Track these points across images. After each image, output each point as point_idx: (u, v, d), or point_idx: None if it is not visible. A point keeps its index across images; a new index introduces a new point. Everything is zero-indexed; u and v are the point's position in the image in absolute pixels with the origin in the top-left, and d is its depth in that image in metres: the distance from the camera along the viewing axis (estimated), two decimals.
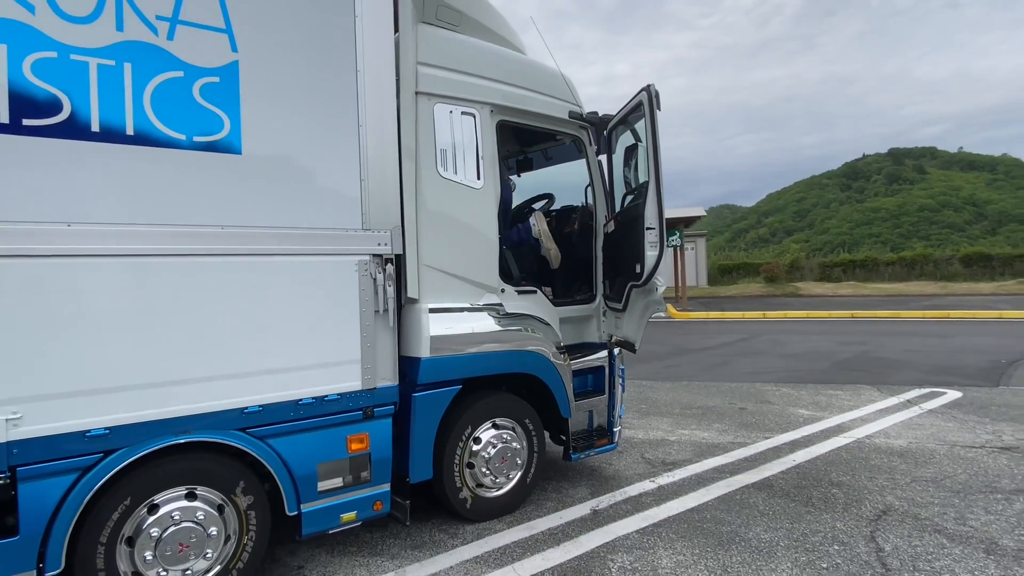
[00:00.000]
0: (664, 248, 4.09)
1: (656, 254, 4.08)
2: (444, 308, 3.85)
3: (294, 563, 3.56)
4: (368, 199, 3.48)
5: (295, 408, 3.23)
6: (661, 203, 4.06)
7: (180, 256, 2.92)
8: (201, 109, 2.97)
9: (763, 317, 18.24)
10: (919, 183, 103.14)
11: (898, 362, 9.85)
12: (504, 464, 4.13)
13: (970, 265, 25.88)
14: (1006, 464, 4.94)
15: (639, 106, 4.19)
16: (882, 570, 3.31)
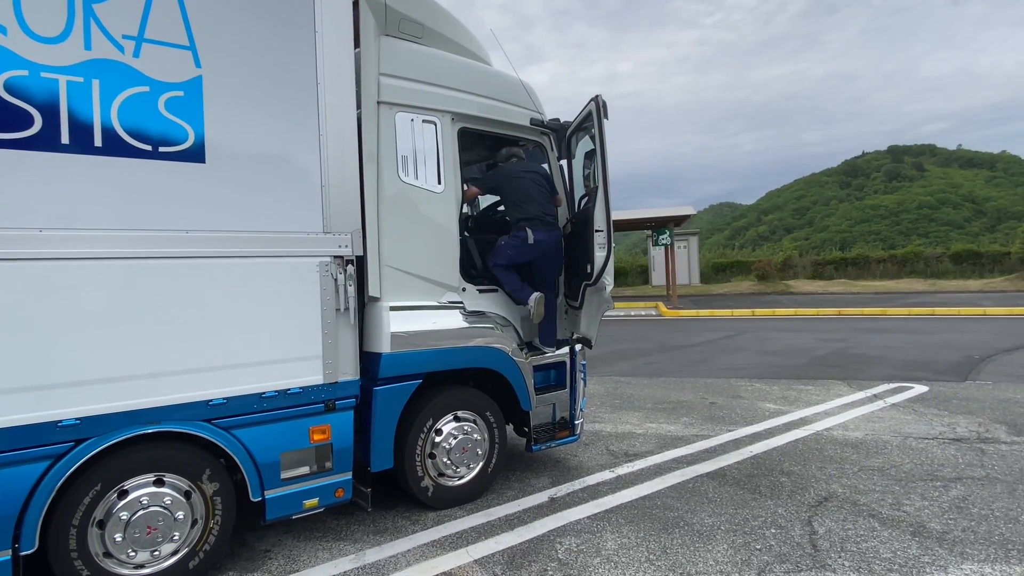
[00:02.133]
0: (611, 249, 4.30)
1: (604, 255, 4.29)
2: (405, 306, 4.06)
3: (261, 547, 3.78)
4: (329, 204, 3.69)
5: (259, 400, 3.44)
6: (608, 206, 4.26)
7: (147, 259, 3.13)
8: (166, 121, 3.18)
9: (751, 315, 18.44)
10: (918, 180, 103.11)
11: (873, 358, 10.06)
12: (465, 455, 4.34)
13: (960, 262, 26.07)
14: (953, 454, 5.15)
15: (590, 115, 4.40)
16: (811, 551, 3.53)
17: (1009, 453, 5.15)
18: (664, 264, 23.50)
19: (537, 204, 4.54)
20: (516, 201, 4.58)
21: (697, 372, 9.46)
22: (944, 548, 3.53)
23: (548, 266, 4.72)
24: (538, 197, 4.57)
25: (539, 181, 4.66)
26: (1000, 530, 3.74)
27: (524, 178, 4.60)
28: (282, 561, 3.60)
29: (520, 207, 4.55)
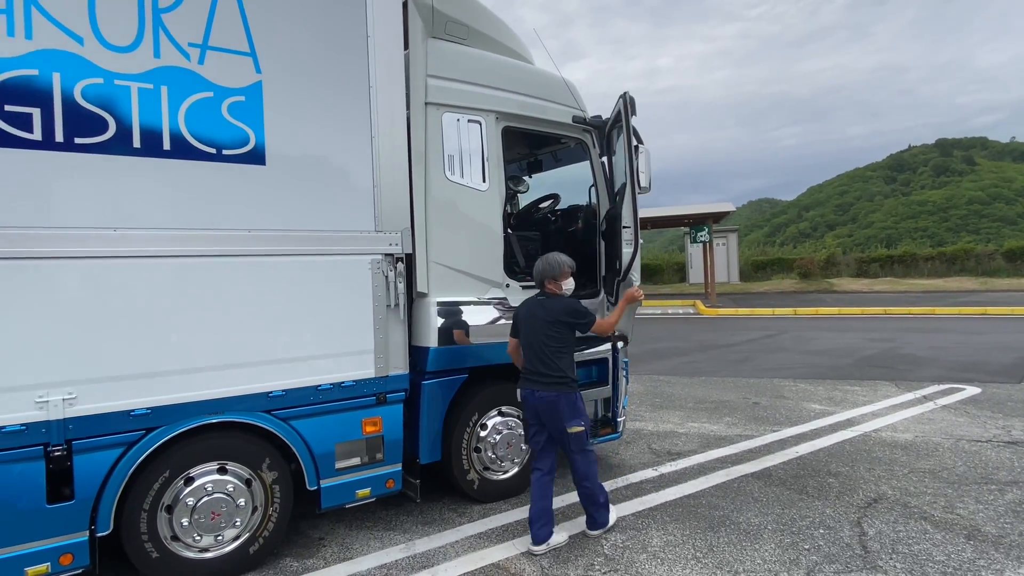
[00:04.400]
0: (638, 245, 4.35)
1: (631, 251, 4.35)
2: (452, 302, 4.15)
3: (315, 535, 3.92)
4: (380, 203, 3.80)
5: (315, 393, 3.58)
6: (636, 203, 4.31)
7: (213, 256, 3.29)
8: (229, 125, 3.33)
9: (794, 314, 18.06)
10: (968, 175, 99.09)
11: (922, 359, 9.77)
12: (510, 450, 4.41)
13: (1014, 260, 24.95)
14: (1008, 457, 4.99)
15: (620, 112, 4.43)
16: (861, 552, 3.48)
17: None
18: (702, 262, 23.18)
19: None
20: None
21: (738, 372, 9.34)
22: (1000, 552, 3.44)
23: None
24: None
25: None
26: None
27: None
28: (336, 549, 3.72)
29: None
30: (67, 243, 2.93)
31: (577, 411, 3.65)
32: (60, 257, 2.93)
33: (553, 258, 3.79)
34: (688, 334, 13.88)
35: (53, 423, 2.90)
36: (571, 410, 3.62)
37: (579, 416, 3.65)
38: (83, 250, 2.97)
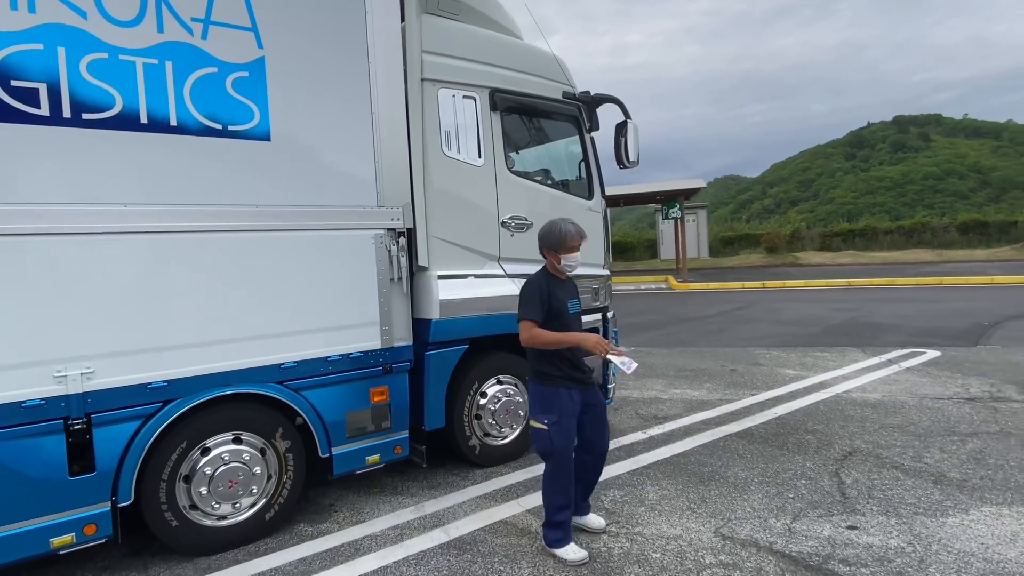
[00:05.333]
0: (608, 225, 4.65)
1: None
2: (452, 275, 4.27)
3: (326, 502, 4.05)
4: (381, 179, 3.88)
5: (325, 364, 3.68)
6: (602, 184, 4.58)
7: (222, 232, 3.34)
8: (234, 101, 3.36)
9: (762, 287, 18.62)
10: (924, 151, 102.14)
11: (885, 326, 10.28)
12: (508, 416, 4.59)
13: (967, 232, 26.14)
14: (968, 412, 5.38)
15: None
16: (841, 498, 3.78)
17: (1021, 410, 5.38)
18: (673, 238, 23.61)
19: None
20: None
21: (715, 342, 9.69)
22: (964, 494, 3.77)
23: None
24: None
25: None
26: (1016, 478, 3.98)
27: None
28: (347, 513, 3.86)
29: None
30: (77, 219, 2.96)
31: (537, 405, 3.25)
32: (73, 233, 2.95)
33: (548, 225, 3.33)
34: (663, 308, 14.24)
35: (72, 397, 2.95)
36: (531, 403, 3.32)
37: (538, 411, 3.22)
38: (95, 226, 3.00)
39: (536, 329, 3.14)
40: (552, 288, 3.23)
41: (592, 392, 3.34)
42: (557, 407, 3.17)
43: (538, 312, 3.16)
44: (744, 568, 3.03)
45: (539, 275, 3.33)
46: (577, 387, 3.24)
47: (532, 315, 3.16)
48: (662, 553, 3.21)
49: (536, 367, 3.27)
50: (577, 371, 3.25)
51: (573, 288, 3.44)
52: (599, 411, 3.37)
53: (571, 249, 3.25)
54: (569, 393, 3.21)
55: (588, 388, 3.31)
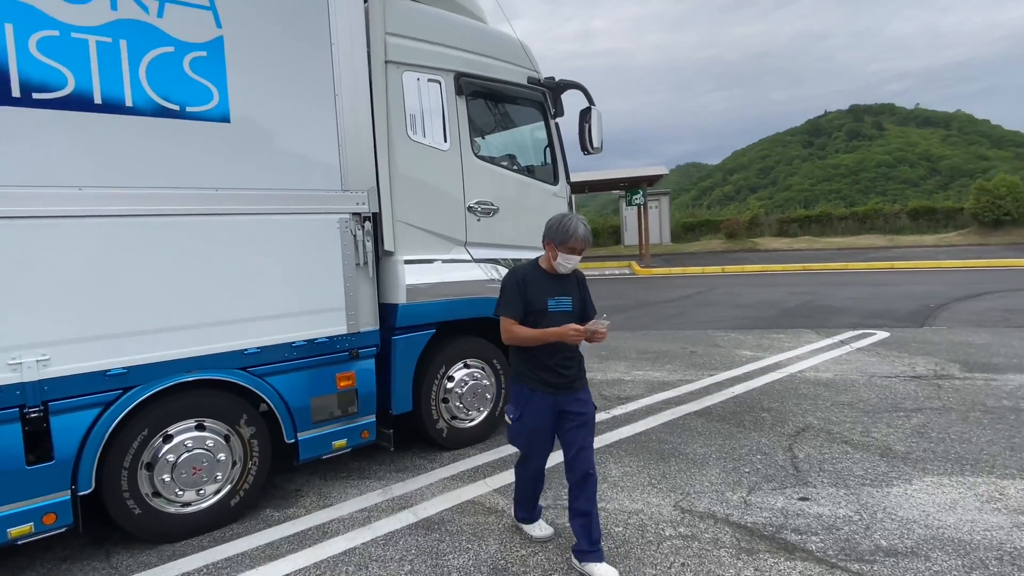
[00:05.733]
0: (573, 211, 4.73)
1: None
2: (418, 260, 4.28)
3: (292, 487, 4.04)
4: (346, 162, 3.85)
5: (289, 349, 3.66)
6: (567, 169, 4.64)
7: (182, 216, 3.28)
8: (192, 82, 3.28)
9: (722, 272, 19.06)
10: (878, 140, 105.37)
11: (838, 308, 10.67)
12: (475, 399, 4.64)
13: (917, 218, 27.24)
14: (913, 389, 5.67)
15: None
16: (794, 471, 3.96)
17: (962, 387, 5.69)
18: (636, 224, 23.91)
19: None
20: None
21: (675, 325, 9.92)
22: (908, 465, 3.99)
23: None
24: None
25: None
26: (955, 449, 4.23)
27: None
28: (314, 498, 3.87)
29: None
30: (29, 202, 2.87)
31: (511, 400, 3.17)
32: (26, 217, 2.86)
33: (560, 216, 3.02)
34: (626, 293, 14.47)
35: (28, 385, 2.88)
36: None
37: (509, 406, 3.18)
38: (43, 209, 2.91)
39: (514, 326, 2.93)
40: (532, 281, 2.97)
41: (569, 397, 2.99)
42: (521, 405, 3.04)
43: (514, 307, 2.94)
44: (702, 539, 3.17)
45: (525, 266, 3.09)
46: (549, 391, 2.96)
47: (507, 311, 2.95)
48: (624, 527, 3.33)
49: (512, 363, 3.13)
50: (550, 373, 2.96)
51: (567, 284, 3.05)
52: (579, 421, 2.98)
53: (572, 250, 2.92)
54: (537, 395, 2.97)
55: (563, 393, 2.98)
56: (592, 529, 2.91)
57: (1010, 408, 5.02)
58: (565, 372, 2.97)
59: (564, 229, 2.91)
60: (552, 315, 2.95)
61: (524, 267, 3.08)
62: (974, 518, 3.27)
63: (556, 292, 3.00)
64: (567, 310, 3.00)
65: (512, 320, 2.95)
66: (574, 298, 3.05)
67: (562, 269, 2.98)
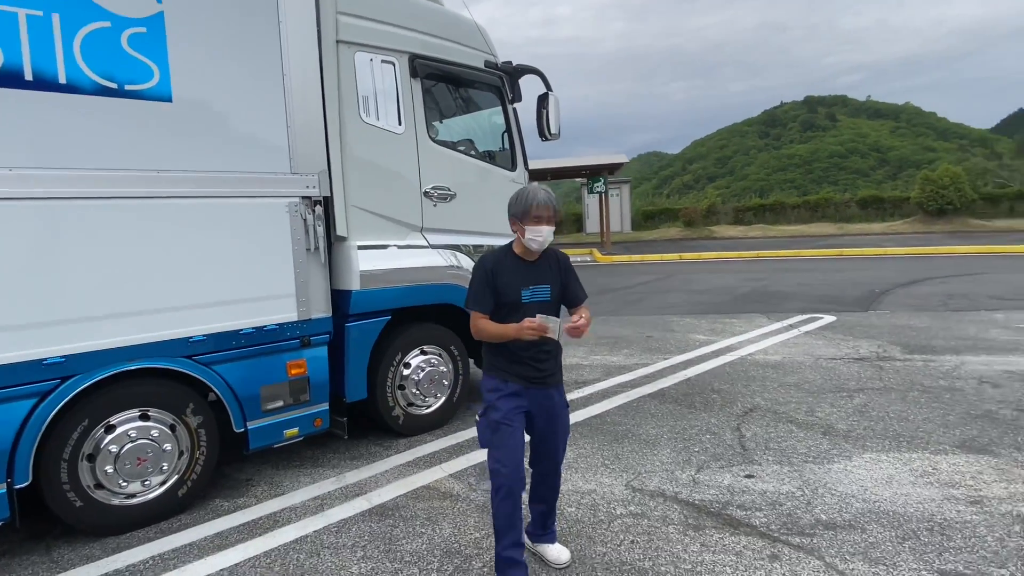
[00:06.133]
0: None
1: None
2: (372, 245, 4.22)
3: (242, 477, 3.97)
4: (295, 144, 3.76)
5: (237, 337, 3.57)
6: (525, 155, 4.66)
7: (122, 198, 3.15)
8: (130, 58, 3.15)
9: (680, 259, 19.41)
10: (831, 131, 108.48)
11: (789, 294, 11.01)
12: (432, 386, 4.63)
13: (865, 207, 28.24)
14: (856, 371, 5.91)
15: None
16: (741, 450, 4.09)
17: (902, 368, 5.95)
18: (598, 212, 24.10)
19: None
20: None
21: (634, 311, 10.07)
22: (849, 443, 4.17)
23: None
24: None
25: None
26: (894, 427, 4.43)
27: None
28: (265, 487, 3.81)
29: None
30: None
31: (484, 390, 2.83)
32: None
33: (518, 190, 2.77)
34: (587, 280, 14.49)
35: None
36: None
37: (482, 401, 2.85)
38: None
39: (481, 320, 2.67)
40: (503, 269, 2.68)
41: (543, 392, 2.76)
42: (492, 396, 2.73)
43: (482, 300, 2.67)
44: (651, 517, 3.25)
45: (495, 252, 2.78)
46: (522, 383, 2.71)
47: (475, 304, 2.69)
48: (576, 507, 3.38)
49: (484, 354, 2.83)
50: (524, 367, 2.70)
51: (544, 270, 2.75)
52: (552, 413, 2.78)
53: (537, 220, 2.62)
54: (510, 386, 2.71)
55: (537, 386, 2.74)
56: (548, 516, 2.91)
57: (946, 388, 5.28)
58: (540, 366, 2.72)
59: (524, 199, 2.64)
60: (528, 306, 2.66)
61: (494, 254, 2.76)
62: (908, 492, 3.44)
63: (531, 280, 2.70)
64: (544, 300, 2.71)
65: (479, 313, 2.68)
66: (553, 286, 2.74)
67: (534, 246, 2.66)
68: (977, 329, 7.48)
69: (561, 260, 2.82)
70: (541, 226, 2.64)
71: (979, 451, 3.94)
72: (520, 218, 2.67)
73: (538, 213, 2.62)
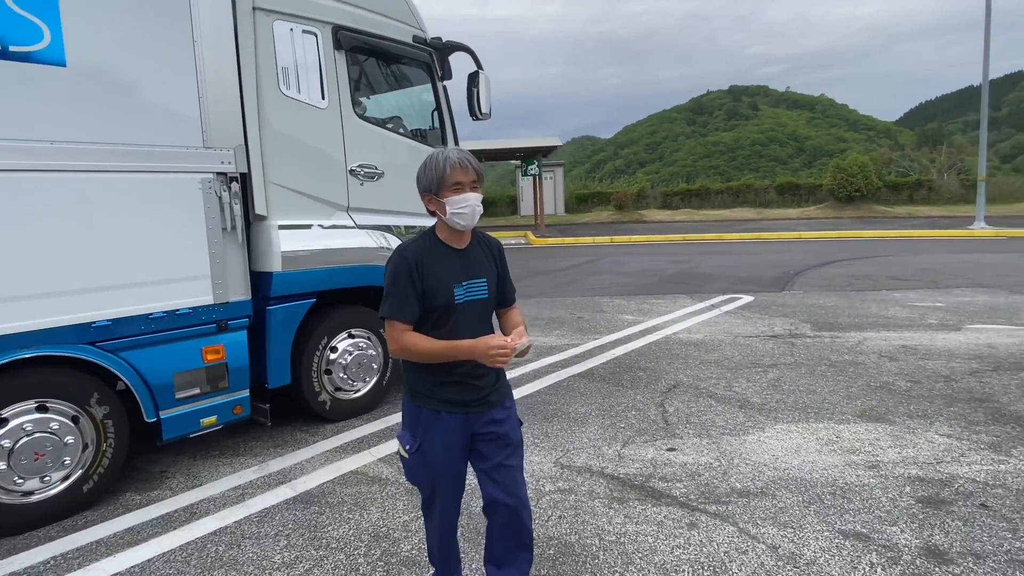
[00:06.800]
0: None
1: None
2: (295, 225, 4.06)
3: (156, 469, 3.77)
4: (208, 116, 3.54)
5: (146, 322, 3.36)
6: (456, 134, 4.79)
7: (11, 171, 2.88)
8: (15, 16, 2.86)
9: (611, 242, 19.82)
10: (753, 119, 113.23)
11: (711, 275, 11.48)
12: (361, 370, 4.53)
13: (783, 193, 29.76)
14: (771, 347, 6.24)
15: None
16: (664, 425, 4.24)
17: (812, 344, 6.33)
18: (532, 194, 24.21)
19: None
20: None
21: (566, 292, 10.22)
22: (763, 415, 4.40)
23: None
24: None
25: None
26: (803, 400, 4.71)
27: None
28: (181, 479, 3.64)
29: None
30: None
31: (404, 424, 2.21)
32: None
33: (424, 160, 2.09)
34: (521, 262, 14.69)
35: None
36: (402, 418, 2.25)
37: (402, 432, 2.22)
38: None
39: (407, 335, 1.99)
40: (429, 261, 2.03)
41: (485, 417, 2.13)
42: (418, 432, 2.12)
43: (405, 306, 1.99)
44: (578, 492, 3.32)
45: (415, 240, 2.10)
46: (459, 410, 2.09)
47: (395, 311, 1.99)
48: None
49: (403, 374, 2.19)
50: (457, 388, 2.07)
51: (478, 259, 2.14)
52: (504, 440, 2.14)
53: (458, 188, 2.00)
54: (443, 418, 2.09)
55: (481, 410, 2.11)
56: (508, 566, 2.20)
57: (849, 362, 5.65)
58: (478, 383, 2.09)
59: (434, 166, 2.01)
60: (462, 308, 2.05)
61: (414, 242, 2.08)
62: (814, 459, 3.67)
63: (464, 274, 2.07)
64: (482, 297, 2.11)
65: (403, 325, 2.00)
66: (490, 280, 2.14)
67: (461, 222, 2.02)
68: (878, 307, 8.05)
69: (494, 245, 2.24)
70: (465, 193, 2.00)
71: (877, 420, 4.25)
72: (435, 190, 2.01)
73: (457, 179, 1.99)
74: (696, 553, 2.74)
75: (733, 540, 2.82)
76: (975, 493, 3.18)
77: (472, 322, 2.08)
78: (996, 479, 3.32)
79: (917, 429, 4.06)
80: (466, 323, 2.07)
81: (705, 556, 2.71)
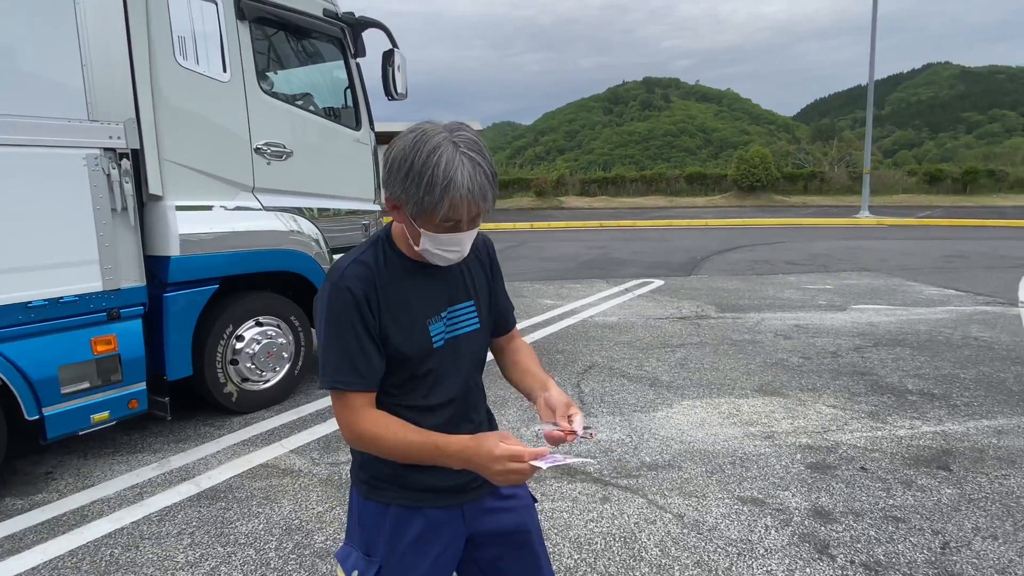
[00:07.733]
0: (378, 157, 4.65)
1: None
2: (194, 206, 3.81)
3: (40, 471, 3.47)
4: (92, 87, 3.25)
5: (24, 311, 3.07)
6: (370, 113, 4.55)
7: None
8: None
9: (531, 228, 20.04)
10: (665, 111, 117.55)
11: (625, 260, 11.87)
12: (270, 359, 4.34)
13: (692, 183, 31.21)
14: (679, 329, 6.55)
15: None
16: (580, 404, 4.36)
17: (716, 325, 6.69)
18: None
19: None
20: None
21: None
22: (671, 392, 4.62)
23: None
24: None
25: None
26: (707, 377, 4.98)
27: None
28: (70, 480, 3.36)
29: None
30: None
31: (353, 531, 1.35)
32: None
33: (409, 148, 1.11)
34: None
35: None
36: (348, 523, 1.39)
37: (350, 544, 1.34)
38: None
39: (365, 416, 1.20)
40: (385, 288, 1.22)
41: (482, 506, 1.35)
42: (383, 547, 1.28)
43: (356, 366, 1.19)
44: None
45: (357, 261, 1.22)
46: (450, 502, 1.31)
47: (341, 378, 1.18)
48: None
49: (353, 453, 1.35)
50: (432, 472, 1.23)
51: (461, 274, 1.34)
52: (519, 538, 1.40)
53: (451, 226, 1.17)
54: (419, 520, 1.29)
55: (473, 498, 1.33)
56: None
57: (749, 341, 6.03)
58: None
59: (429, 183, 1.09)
60: (442, 353, 1.29)
61: (357, 260, 1.23)
62: (716, 432, 3.89)
63: (443, 299, 1.31)
64: (472, 329, 1.35)
65: (359, 397, 1.20)
66: (480, 301, 1.37)
67: (442, 263, 1.25)
68: (775, 290, 8.62)
69: (486, 248, 1.45)
70: (460, 233, 1.19)
71: (772, 393, 4.57)
72: (414, 212, 1.15)
73: (457, 216, 1.14)
74: (608, 525, 2.84)
75: (643, 511, 2.96)
76: (856, 458, 3.49)
77: (462, 373, 1.32)
78: (874, 444, 3.66)
79: (807, 401, 4.39)
80: (451, 377, 1.30)
81: (617, 528, 2.82)
